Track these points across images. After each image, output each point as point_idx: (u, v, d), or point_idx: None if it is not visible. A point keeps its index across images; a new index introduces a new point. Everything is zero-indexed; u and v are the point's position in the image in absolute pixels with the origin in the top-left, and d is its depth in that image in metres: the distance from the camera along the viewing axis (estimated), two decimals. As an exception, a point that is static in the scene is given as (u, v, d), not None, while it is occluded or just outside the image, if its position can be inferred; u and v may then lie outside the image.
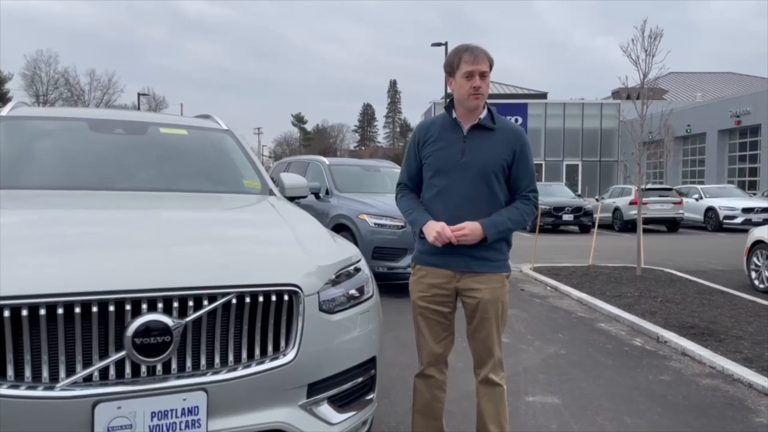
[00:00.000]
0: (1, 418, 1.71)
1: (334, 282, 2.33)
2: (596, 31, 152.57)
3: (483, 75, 2.46)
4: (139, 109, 45.75)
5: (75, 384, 1.80)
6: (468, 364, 2.73)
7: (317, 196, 8.28)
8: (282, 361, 2.05)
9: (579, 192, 24.39)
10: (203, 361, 1.95)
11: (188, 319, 1.90)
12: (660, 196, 18.39)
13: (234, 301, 1.98)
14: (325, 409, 2.21)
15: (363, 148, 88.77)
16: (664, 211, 18.37)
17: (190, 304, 1.91)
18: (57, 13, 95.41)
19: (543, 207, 16.77)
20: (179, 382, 1.89)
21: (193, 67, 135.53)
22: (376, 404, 2.53)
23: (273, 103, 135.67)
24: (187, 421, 1.89)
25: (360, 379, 2.38)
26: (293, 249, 2.37)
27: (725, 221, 18.31)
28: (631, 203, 17.73)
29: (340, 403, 2.29)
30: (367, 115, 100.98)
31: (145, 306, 1.87)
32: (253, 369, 1.99)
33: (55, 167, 3.26)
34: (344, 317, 2.30)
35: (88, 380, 1.82)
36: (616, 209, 18.99)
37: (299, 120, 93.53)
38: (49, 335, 1.79)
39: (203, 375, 1.93)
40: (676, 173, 32.51)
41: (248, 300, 2.01)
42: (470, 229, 2.44)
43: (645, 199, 15.24)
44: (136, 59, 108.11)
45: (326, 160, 9.18)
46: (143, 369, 1.87)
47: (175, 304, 1.90)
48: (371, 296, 2.54)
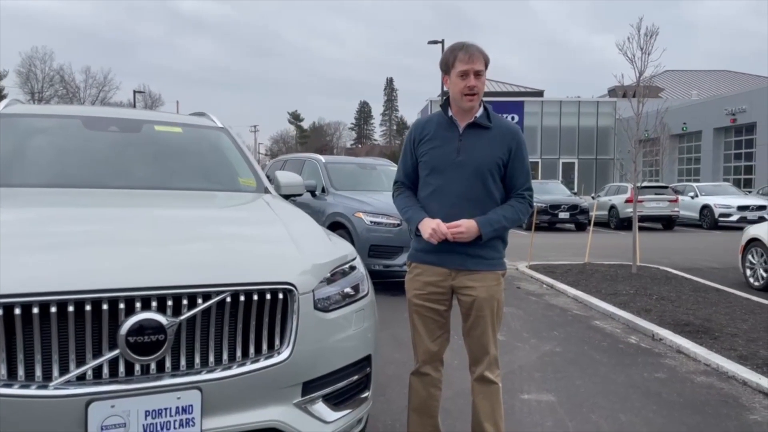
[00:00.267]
0: (-6, 417, 1.71)
1: (329, 280, 2.33)
2: (593, 29, 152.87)
3: (478, 74, 2.46)
4: (135, 106, 45.63)
5: (68, 383, 1.79)
6: (464, 361, 2.74)
7: (313, 194, 8.27)
8: (277, 359, 2.05)
9: (575, 190, 24.47)
10: (197, 360, 1.95)
11: (182, 317, 1.90)
12: (656, 194, 18.44)
13: (228, 299, 1.98)
14: (320, 408, 2.21)
15: (360, 146, 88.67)
16: (659, 209, 18.41)
17: (185, 302, 1.91)
18: (53, 10, 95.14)
19: (539, 205, 16.79)
20: (173, 380, 1.88)
21: (189, 65, 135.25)
22: (371, 402, 2.53)
23: (269, 101, 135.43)
24: (181, 420, 1.89)
25: (355, 378, 2.38)
26: (288, 247, 2.37)
27: (721, 219, 18.37)
28: (627, 201, 17.77)
29: (335, 401, 2.29)
30: (364, 113, 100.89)
31: (138, 304, 1.86)
32: (248, 367, 1.99)
33: (49, 165, 3.25)
34: (339, 315, 2.30)
35: (81, 379, 1.81)
36: (612, 207, 19.03)
37: (296, 118, 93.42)
38: (42, 334, 1.78)
39: (197, 373, 1.93)
40: (672, 171, 32.60)
41: (243, 298, 2.00)
42: (466, 227, 2.44)
43: (641, 197, 15.28)
44: (132, 56, 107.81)
45: (322, 158, 9.17)
46: (137, 368, 1.87)
47: (169, 303, 1.89)
48: (366, 294, 2.54)
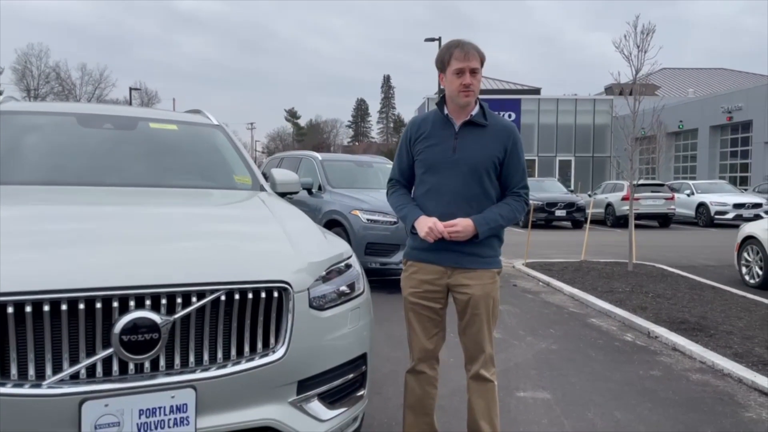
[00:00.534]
0: (-13, 416, 1.70)
1: (325, 278, 2.33)
2: (589, 26, 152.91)
3: (473, 72, 2.45)
4: (131, 103, 45.50)
5: (62, 382, 1.78)
6: (459, 359, 2.73)
7: (310, 191, 8.26)
8: (271, 358, 2.04)
9: (572, 188, 24.49)
10: (192, 359, 1.94)
11: (176, 316, 1.89)
12: (652, 191, 18.49)
13: (223, 297, 1.97)
14: (315, 406, 2.21)
15: (357, 144, 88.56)
16: (656, 207, 18.46)
17: (179, 300, 1.90)
18: (49, 7, 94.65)
19: (536, 202, 16.81)
20: (167, 379, 1.88)
21: (185, 62, 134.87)
22: (366, 400, 2.53)
23: (266, 99, 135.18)
24: (175, 419, 1.88)
25: (350, 376, 2.38)
26: (283, 245, 2.36)
27: (716, 217, 18.43)
28: (624, 199, 17.80)
29: (331, 399, 2.28)
30: (361, 111, 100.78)
31: (132, 303, 1.85)
32: (243, 366, 1.99)
33: (43, 162, 3.23)
34: (335, 314, 2.29)
35: (75, 378, 1.80)
36: (609, 205, 19.07)
37: (292, 115, 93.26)
38: (35, 332, 1.77)
39: (192, 372, 1.92)
40: (668, 169, 32.65)
41: (237, 297, 2.00)
42: (463, 226, 2.44)
43: (637, 195, 15.32)
44: (128, 53, 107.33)
45: (319, 155, 9.15)
46: (131, 366, 1.86)
47: (164, 301, 1.88)
48: (362, 292, 2.53)
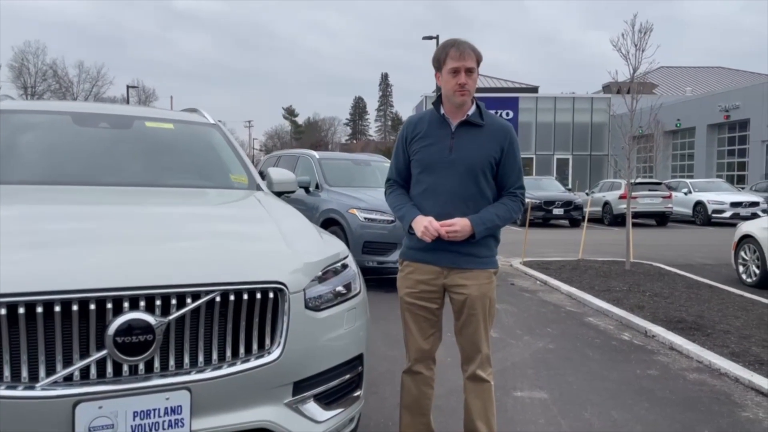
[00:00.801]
0: (-20, 418, 1.69)
1: (321, 279, 2.32)
2: (587, 25, 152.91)
3: (469, 71, 2.44)
4: (129, 101, 45.38)
5: (55, 383, 1.77)
6: (457, 359, 2.72)
7: (307, 190, 8.25)
8: (267, 359, 2.03)
9: (569, 186, 24.47)
10: (187, 360, 1.93)
11: (171, 317, 1.88)
12: (649, 190, 18.50)
13: (218, 298, 1.96)
14: (311, 407, 2.20)
15: (354, 142, 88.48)
16: (653, 206, 18.47)
17: (173, 302, 1.89)
18: (46, 5, 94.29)
19: (533, 201, 16.82)
20: (162, 381, 1.86)
21: (183, 60, 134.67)
22: (363, 401, 2.52)
23: (264, 97, 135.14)
24: (170, 421, 1.87)
25: (347, 377, 2.37)
26: (279, 246, 2.35)
27: (714, 215, 18.45)
28: (621, 197, 17.83)
29: (327, 400, 2.27)
30: (359, 109, 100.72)
31: (126, 304, 1.84)
32: (238, 368, 1.97)
33: (38, 162, 3.21)
34: (331, 314, 2.28)
35: (68, 380, 1.79)
36: (606, 203, 19.08)
37: (290, 113, 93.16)
38: (29, 334, 1.76)
39: (186, 374, 1.91)
40: (666, 167, 32.68)
41: (232, 297, 1.99)
42: (461, 226, 2.42)
43: (634, 194, 15.33)
44: (126, 51, 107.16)
45: (316, 154, 9.14)
46: (125, 368, 1.85)
47: (158, 302, 1.87)
48: (358, 293, 2.53)
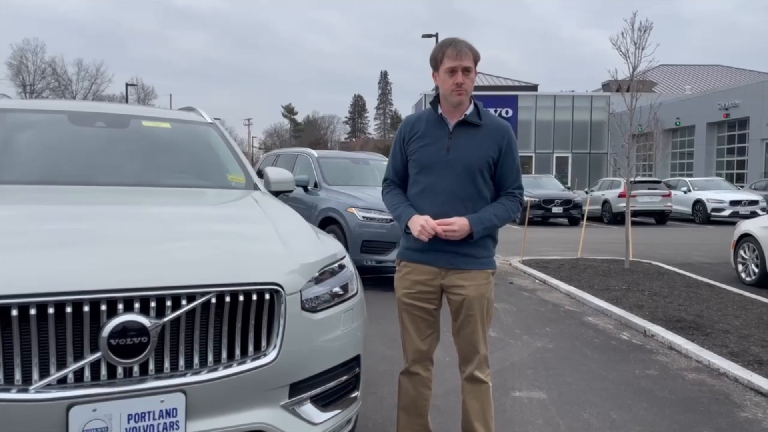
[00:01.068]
0: (-28, 421, 1.67)
1: (318, 280, 2.30)
2: (587, 23, 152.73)
3: (466, 70, 2.42)
4: (128, 99, 45.33)
5: (49, 386, 1.76)
6: (455, 358, 2.71)
7: (306, 189, 8.23)
8: (263, 361, 2.02)
9: (569, 184, 24.47)
10: (182, 362, 1.91)
11: (166, 319, 1.86)
12: (649, 188, 18.48)
13: (213, 300, 1.94)
14: (308, 409, 2.19)
15: (354, 140, 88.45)
16: (652, 204, 18.46)
17: (168, 303, 1.88)
18: (45, 3, 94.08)
19: (533, 199, 16.81)
20: (157, 383, 1.85)
21: (181, 58, 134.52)
22: (360, 402, 2.51)
23: (263, 95, 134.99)
24: (165, 423, 1.86)
25: (344, 378, 2.36)
26: (275, 246, 2.33)
27: (713, 214, 18.44)
28: (620, 196, 17.81)
29: (324, 402, 2.26)
30: (358, 107, 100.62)
31: (121, 306, 1.82)
32: (233, 370, 1.96)
33: (32, 161, 3.18)
34: (327, 316, 2.27)
35: (62, 382, 1.78)
36: (606, 202, 19.07)
37: (289, 111, 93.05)
38: (22, 336, 1.74)
39: (182, 376, 1.89)
40: (665, 166, 32.66)
41: (228, 299, 1.97)
42: (459, 225, 2.41)
43: (634, 192, 15.29)
44: (125, 49, 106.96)
45: (315, 152, 9.12)
46: (120, 370, 1.83)
47: (153, 304, 1.86)
48: (355, 293, 2.51)
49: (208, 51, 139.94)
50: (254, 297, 2.02)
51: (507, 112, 34.44)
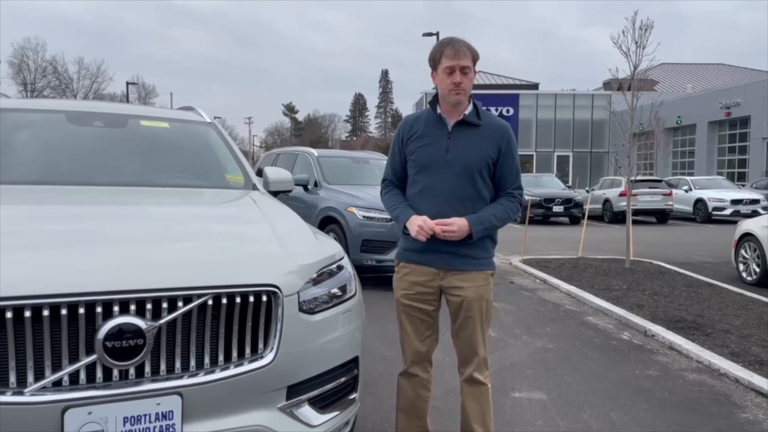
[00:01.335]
0: (-34, 424, 1.66)
1: (315, 281, 2.28)
2: (587, 21, 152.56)
3: (464, 70, 2.40)
4: (128, 98, 45.31)
5: (44, 389, 1.74)
6: (455, 359, 2.70)
7: (306, 188, 8.22)
8: (260, 363, 2.00)
9: (569, 183, 24.44)
10: (178, 364, 1.90)
11: (162, 321, 1.85)
12: (650, 187, 18.45)
13: (210, 302, 1.93)
14: (306, 411, 2.17)
15: (354, 139, 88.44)
16: (653, 203, 18.44)
17: (164, 305, 1.86)
18: (45, 1, 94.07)
19: (533, 198, 16.78)
20: (153, 386, 1.84)
21: (182, 56, 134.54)
22: (359, 404, 2.49)
23: (264, 93, 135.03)
24: (161, 426, 1.84)
25: (342, 380, 2.34)
26: (273, 247, 2.32)
27: (714, 213, 18.41)
28: (621, 195, 17.78)
29: (322, 404, 2.25)
30: (359, 105, 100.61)
31: (116, 308, 1.81)
32: (230, 372, 1.95)
33: (29, 161, 3.16)
34: (325, 317, 2.25)
35: (57, 385, 1.76)
36: (606, 201, 19.04)
37: (290, 110, 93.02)
38: (17, 339, 1.73)
39: (178, 378, 1.88)
40: (666, 165, 32.62)
41: (225, 301, 1.96)
42: (458, 226, 2.39)
43: (635, 191, 15.26)
44: (126, 48, 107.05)
45: (315, 151, 9.11)
46: (115, 373, 1.82)
47: (149, 306, 1.84)
48: (354, 294, 2.50)
49: (208, 50, 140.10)
50: (251, 299, 2.00)
51: (508, 111, 34.39)
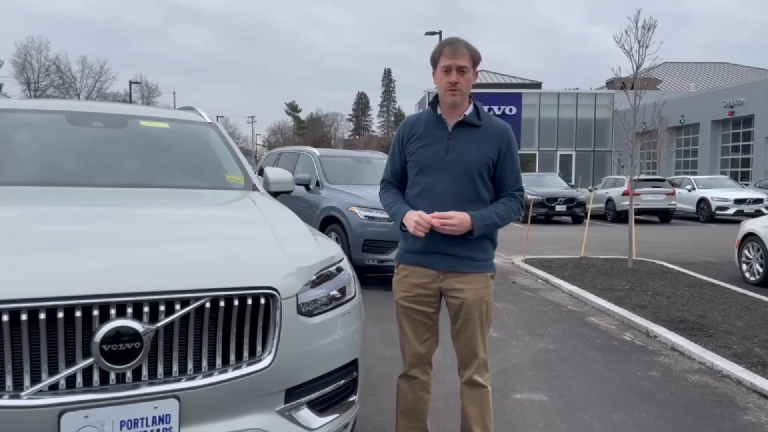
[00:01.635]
0: (-38, 428, 1.65)
1: (315, 283, 2.27)
2: (590, 19, 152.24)
3: (462, 70, 2.39)
4: (131, 96, 45.38)
5: (40, 392, 1.73)
6: (455, 361, 2.68)
7: (307, 187, 8.21)
8: (258, 366, 1.99)
9: (572, 182, 24.40)
10: (175, 368, 1.89)
11: (159, 324, 1.84)
12: (653, 186, 18.38)
13: (208, 305, 1.92)
14: (305, 414, 2.16)
15: (357, 138, 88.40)
16: (656, 202, 18.38)
17: (162, 308, 1.85)
18: (47, 1, 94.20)
19: (536, 197, 16.74)
20: (150, 389, 1.83)
21: (185, 55, 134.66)
22: (358, 406, 2.48)
23: (267, 92, 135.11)
24: (158, 430, 1.83)
25: (341, 382, 2.33)
26: (271, 249, 2.30)
27: (717, 212, 18.35)
28: (624, 194, 17.70)
29: (321, 407, 2.24)
30: (362, 104, 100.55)
31: (113, 311, 1.80)
32: (228, 375, 1.94)
33: (28, 162, 3.15)
34: (324, 320, 2.24)
35: (54, 388, 1.75)
36: (609, 200, 18.99)
37: (293, 109, 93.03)
38: (13, 342, 1.72)
39: (175, 382, 1.87)
40: (669, 164, 32.53)
41: (223, 303, 1.94)
42: (459, 220, 2.36)
43: (638, 190, 15.24)
44: (129, 46, 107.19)
45: (317, 151, 9.09)
46: (112, 376, 1.81)
47: (146, 309, 1.83)
48: (353, 297, 2.48)
49: (211, 48, 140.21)
50: (249, 301, 1.99)
51: (511, 110, 34.39)
